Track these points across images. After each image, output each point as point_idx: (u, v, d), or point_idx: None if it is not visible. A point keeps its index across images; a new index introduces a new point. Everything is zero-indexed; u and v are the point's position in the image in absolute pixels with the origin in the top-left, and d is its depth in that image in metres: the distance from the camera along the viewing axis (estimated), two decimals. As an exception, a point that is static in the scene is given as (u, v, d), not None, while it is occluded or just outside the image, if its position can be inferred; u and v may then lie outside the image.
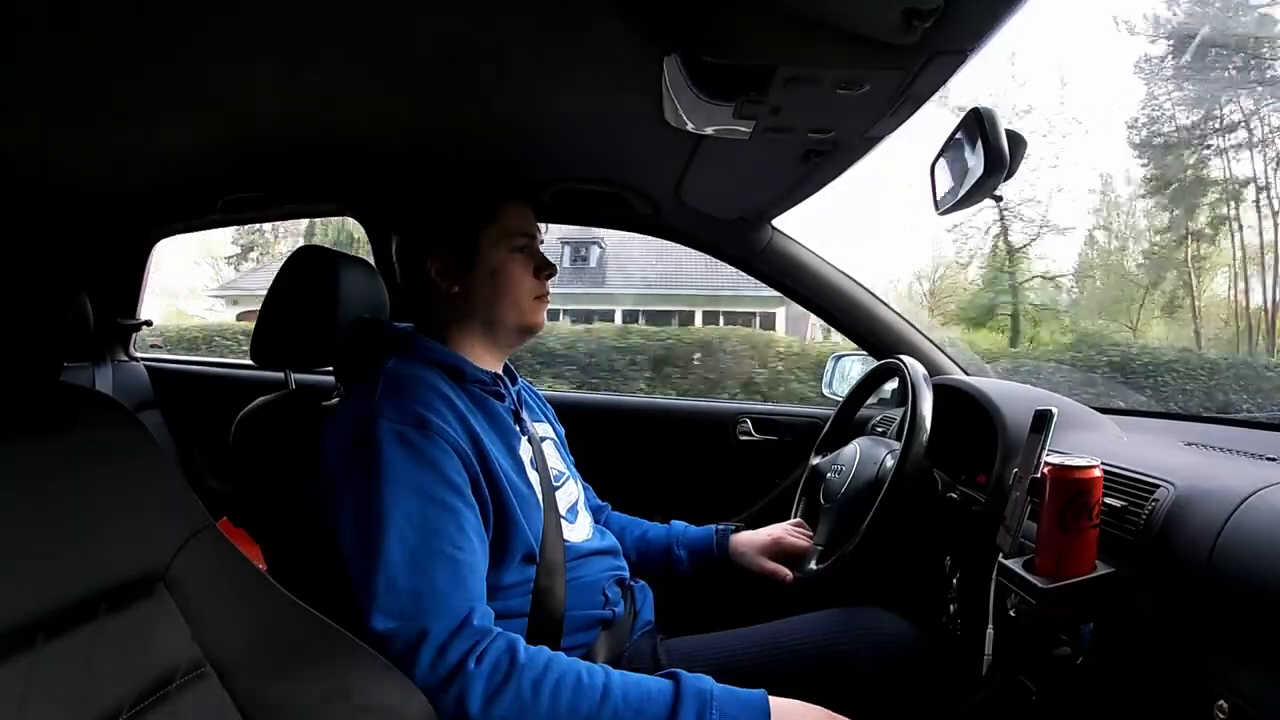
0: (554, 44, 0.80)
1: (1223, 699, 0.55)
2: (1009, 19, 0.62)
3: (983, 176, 0.81)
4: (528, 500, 0.86)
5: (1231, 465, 0.85)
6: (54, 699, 0.51)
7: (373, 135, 1.14)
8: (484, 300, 0.93)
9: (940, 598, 0.98)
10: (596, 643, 0.91)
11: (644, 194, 1.37)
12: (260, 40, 0.81)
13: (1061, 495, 0.68)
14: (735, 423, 1.64)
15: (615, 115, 1.00)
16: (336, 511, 0.78)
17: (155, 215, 1.81)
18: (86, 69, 0.86)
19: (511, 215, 0.94)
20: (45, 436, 0.59)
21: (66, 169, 1.29)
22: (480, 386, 0.91)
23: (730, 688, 0.71)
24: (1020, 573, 0.70)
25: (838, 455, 1.16)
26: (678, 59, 0.74)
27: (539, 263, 0.96)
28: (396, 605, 0.70)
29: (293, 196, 1.53)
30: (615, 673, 0.71)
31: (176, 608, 0.62)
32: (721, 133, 0.87)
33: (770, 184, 1.20)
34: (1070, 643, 0.71)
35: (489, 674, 0.68)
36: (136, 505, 0.63)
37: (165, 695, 0.58)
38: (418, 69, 0.88)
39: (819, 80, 0.73)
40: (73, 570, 0.56)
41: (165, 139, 1.16)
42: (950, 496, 1.00)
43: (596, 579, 0.94)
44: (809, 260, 1.49)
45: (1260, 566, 0.57)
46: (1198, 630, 0.60)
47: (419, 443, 0.77)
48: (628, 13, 0.70)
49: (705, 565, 1.12)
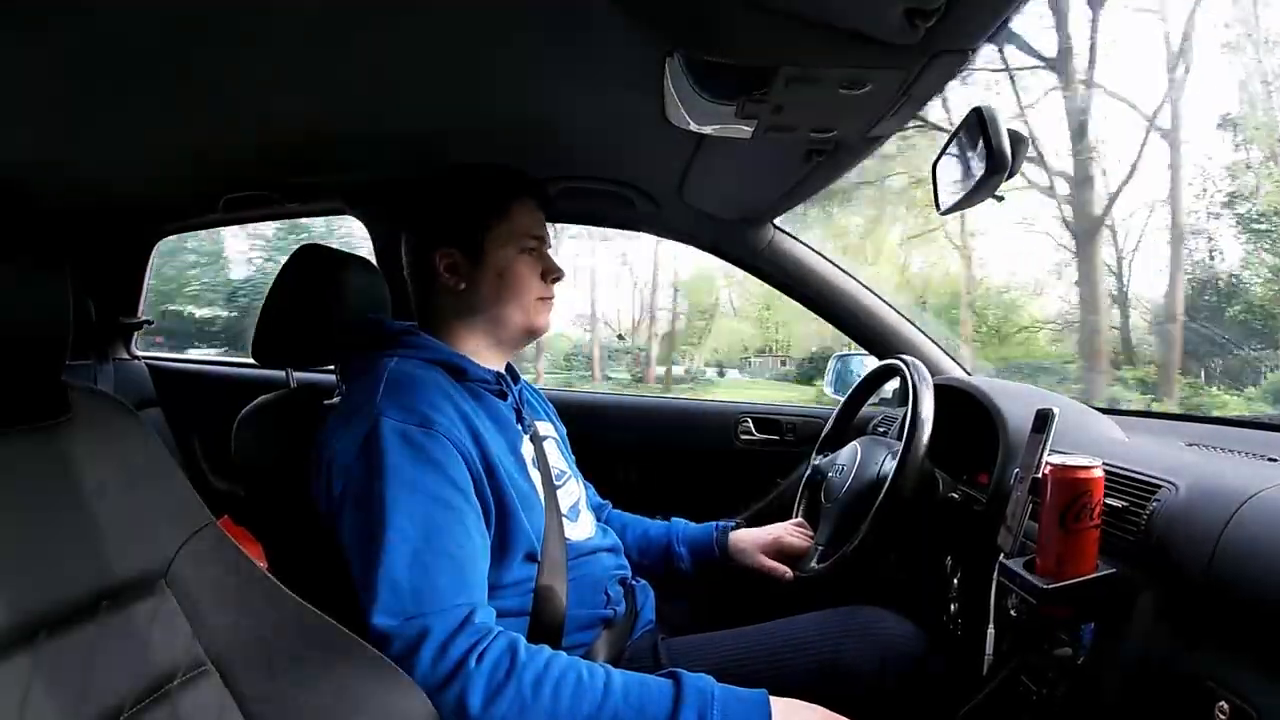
0: (556, 43, 0.80)
1: (1223, 700, 0.55)
2: (1010, 18, 0.62)
3: (984, 176, 0.81)
4: (529, 499, 0.86)
5: (1233, 466, 0.85)
6: (55, 696, 0.51)
7: (375, 134, 1.15)
8: (489, 299, 0.93)
9: (941, 597, 0.98)
10: (597, 642, 0.91)
11: (646, 193, 1.37)
12: (262, 40, 0.81)
13: (1063, 495, 0.67)
14: (737, 422, 1.65)
15: (617, 115, 1.00)
16: (338, 510, 0.78)
17: (157, 214, 1.81)
18: (88, 69, 0.86)
19: (521, 216, 0.94)
20: (47, 434, 0.59)
21: (68, 168, 1.30)
22: (482, 385, 0.91)
23: (731, 687, 0.71)
24: (1021, 573, 0.70)
25: (839, 455, 1.16)
26: (680, 58, 0.74)
27: (546, 266, 0.95)
28: (398, 604, 0.70)
29: (295, 195, 1.53)
30: (616, 672, 0.71)
31: (178, 606, 0.62)
32: (723, 132, 0.87)
33: (772, 183, 1.20)
34: (1071, 643, 0.71)
35: (490, 673, 0.68)
36: (138, 504, 0.63)
37: (166, 693, 0.58)
38: (420, 68, 0.88)
39: (821, 80, 0.72)
40: (74, 568, 0.56)
41: (167, 138, 1.16)
42: (951, 496, 1.00)
43: (598, 578, 0.94)
44: (811, 260, 1.49)
45: (1261, 567, 0.57)
46: (1198, 631, 0.60)
47: (421, 441, 0.77)
48: (630, 12, 0.70)
49: (706, 563, 1.12)
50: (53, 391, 0.62)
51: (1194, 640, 0.60)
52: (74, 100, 0.97)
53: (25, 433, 0.58)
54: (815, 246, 1.49)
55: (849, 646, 0.88)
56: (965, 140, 0.85)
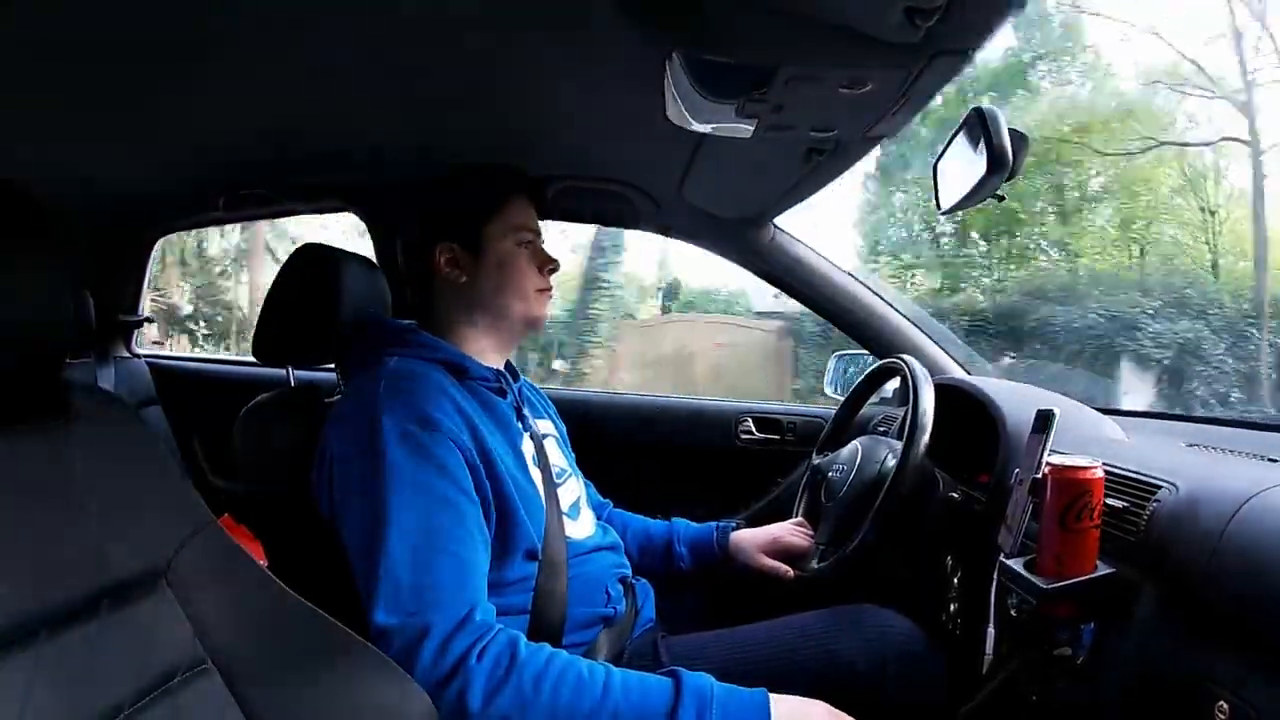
0: (557, 42, 0.80)
1: (1223, 700, 0.55)
2: (1012, 18, 0.62)
3: (985, 175, 0.81)
4: (530, 497, 0.86)
5: (1233, 466, 0.85)
6: (56, 695, 0.51)
7: (375, 133, 1.15)
8: (491, 291, 0.93)
9: (941, 597, 0.98)
10: (598, 640, 0.91)
11: (646, 192, 1.36)
12: (261, 39, 0.81)
13: (1063, 495, 0.67)
14: (737, 422, 1.65)
15: (618, 114, 1.00)
16: (339, 508, 0.78)
17: (157, 212, 1.81)
18: (88, 69, 0.86)
19: (515, 210, 0.95)
20: (47, 433, 0.59)
21: (68, 167, 1.30)
22: (483, 383, 0.91)
23: (731, 686, 0.71)
24: (1021, 572, 0.70)
25: (839, 454, 1.16)
26: (680, 58, 0.74)
27: (542, 258, 0.97)
28: (398, 601, 0.70)
29: (295, 193, 1.53)
30: (616, 670, 0.71)
31: (178, 605, 0.62)
32: (724, 131, 0.87)
33: (772, 183, 1.20)
34: (1071, 643, 0.71)
35: (490, 670, 0.68)
36: (139, 502, 0.63)
37: (167, 691, 0.58)
38: (420, 67, 0.88)
39: (821, 79, 0.72)
40: (75, 567, 0.56)
41: (167, 136, 1.16)
42: (951, 496, 1.00)
43: (598, 576, 0.94)
44: (811, 259, 1.49)
45: (1261, 568, 0.57)
46: (1198, 631, 0.60)
47: (422, 439, 0.77)
48: (630, 11, 0.70)
49: (706, 562, 1.12)
50: (53, 390, 0.62)
51: (1194, 640, 0.60)
52: (74, 98, 0.97)
53: (25, 431, 0.58)
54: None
55: (849, 645, 0.88)
56: (967, 139, 0.85)
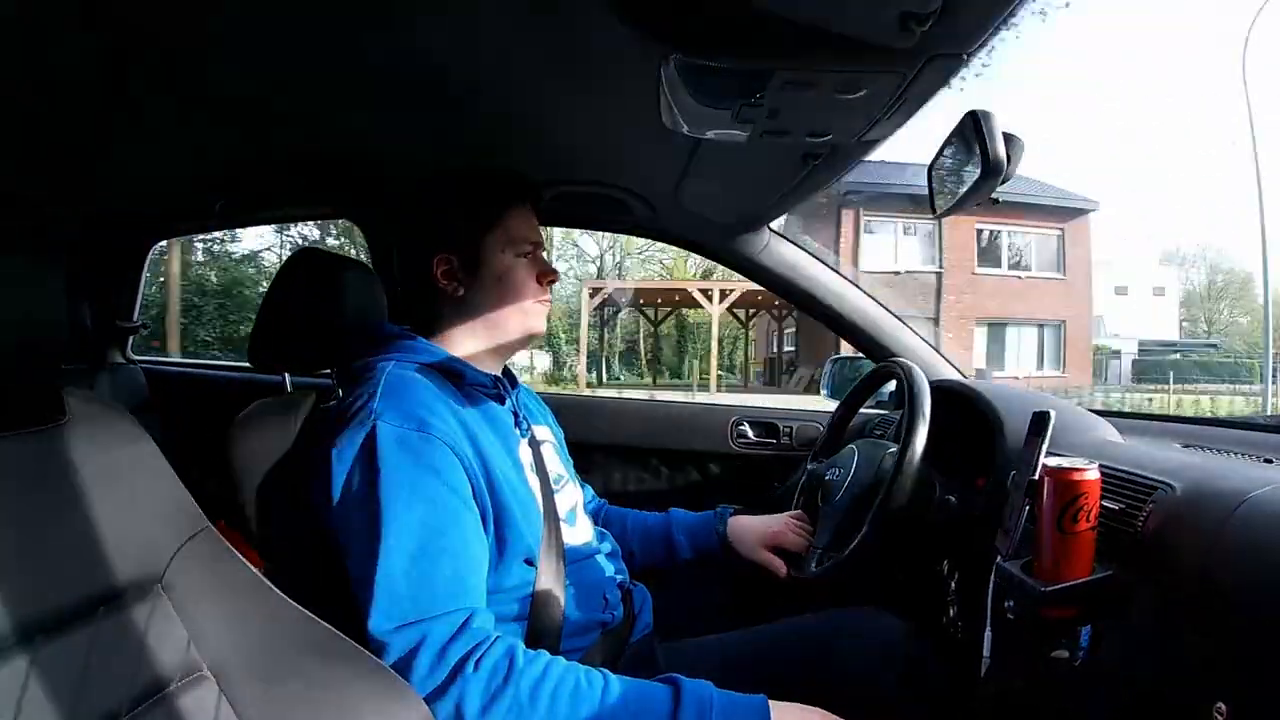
0: (552, 47, 0.80)
1: (1221, 701, 0.55)
2: (1006, 22, 0.63)
3: (979, 179, 0.81)
4: (527, 503, 0.86)
5: (1230, 467, 0.85)
6: (51, 701, 0.51)
7: (371, 139, 1.15)
8: (488, 304, 0.92)
9: (938, 600, 0.98)
10: (595, 646, 0.90)
11: (642, 197, 1.37)
12: (259, 46, 0.81)
13: (1059, 497, 0.68)
14: (734, 425, 1.65)
15: (613, 118, 1.01)
16: (335, 515, 0.78)
17: (153, 218, 1.81)
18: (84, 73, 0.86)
19: (516, 221, 0.94)
20: (43, 439, 0.59)
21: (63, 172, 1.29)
22: (480, 389, 0.91)
23: (730, 693, 0.71)
24: (1018, 575, 0.70)
25: (836, 458, 1.16)
26: (676, 63, 0.74)
27: (542, 269, 0.96)
28: (395, 609, 0.70)
29: (292, 200, 1.53)
30: (614, 677, 0.71)
31: (174, 611, 0.61)
32: (719, 136, 0.88)
33: (768, 187, 1.20)
34: (1068, 645, 0.71)
35: (487, 678, 0.68)
36: (134, 508, 0.62)
37: (162, 698, 0.58)
38: (416, 74, 0.88)
39: (816, 84, 0.73)
40: (70, 572, 0.56)
41: (164, 142, 1.16)
42: (948, 499, 1.00)
43: (596, 582, 0.94)
44: (806, 263, 1.49)
45: (1259, 568, 0.57)
46: (1196, 632, 0.60)
47: (419, 446, 0.77)
48: (626, 16, 0.70)
49: (706, 549, 1.13)
50: (48, 396, 0.61)
51: (1192, 641, 0.60)
52: (70, 105, 0.97)
53: (21, 437, 0.57)
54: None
55: (847, 649, 0.88)
56: (960, 144, 0.85)
